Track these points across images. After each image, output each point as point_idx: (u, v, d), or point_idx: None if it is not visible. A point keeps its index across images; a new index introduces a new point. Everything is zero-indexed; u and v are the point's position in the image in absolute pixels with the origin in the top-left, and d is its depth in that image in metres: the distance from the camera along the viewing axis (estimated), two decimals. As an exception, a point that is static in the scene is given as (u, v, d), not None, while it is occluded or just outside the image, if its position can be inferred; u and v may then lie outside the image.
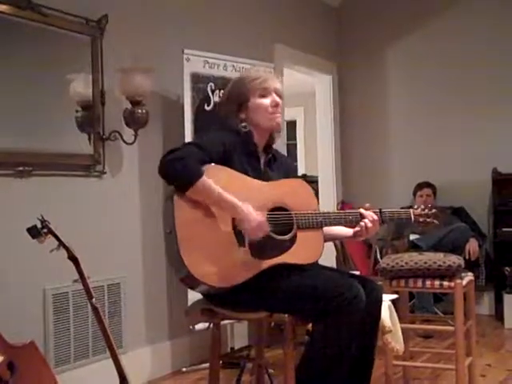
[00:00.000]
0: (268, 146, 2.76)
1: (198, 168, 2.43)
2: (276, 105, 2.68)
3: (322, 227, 2.66)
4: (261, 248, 2.49)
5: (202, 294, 2.66)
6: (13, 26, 3.34)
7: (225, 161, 2.55)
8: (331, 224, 2.69)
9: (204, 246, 2.43)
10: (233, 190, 2.48)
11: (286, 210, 2.60)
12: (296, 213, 2.60)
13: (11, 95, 3.36)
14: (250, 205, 2.48)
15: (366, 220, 2.67)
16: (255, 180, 2.60)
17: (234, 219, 2.48)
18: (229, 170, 2.54)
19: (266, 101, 2.67)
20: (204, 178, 2.42)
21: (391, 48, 6.35)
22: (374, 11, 6.41)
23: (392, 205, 5.87)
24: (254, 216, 2.45)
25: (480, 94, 5.89)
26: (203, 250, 2.42)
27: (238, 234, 2.48)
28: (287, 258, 2.54)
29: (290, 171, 2.87)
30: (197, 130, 4.16)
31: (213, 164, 2.50)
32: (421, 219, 2.86)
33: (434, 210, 2.89)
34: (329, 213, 2.68)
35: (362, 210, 2.70)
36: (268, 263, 2.49)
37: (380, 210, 2.75)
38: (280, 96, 2.71)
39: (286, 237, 2.56)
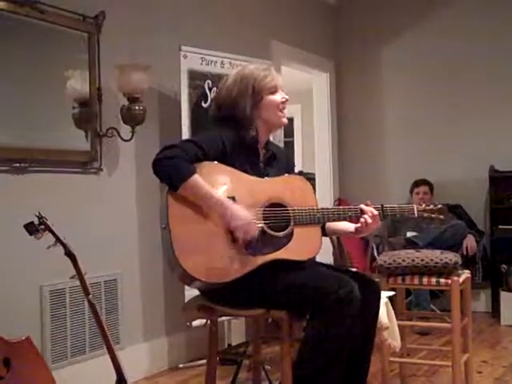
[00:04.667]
0: (266, 143, 2.76)
1: (189, 166, 2.42)
2: (285, 101, 2.70)
3: (320, 223, 2.65)
4: (253, 244, 2.48)
5: (199, 290, 2.66)
6: (10, 22, 3.33)
7: (223, 158, 2.54)
8: (330, 220, 2.68)
9: (198, 242, 2.42)
10: (228, 186, 2.49)
11: (283, 206, 2.58)
12: (293, 209, 2.58)
13: (8, 92, 3.36)
14: (246, 200, 2.48)
15: (366, 216, 2.65)
16: (252, 176, 2.59)
17: None
18: (224, 166, 2.53)
19: (277, 97, 2.68)
20: (195, 176, 2.41)
21: (388, 46, 6.35)
22: (372, 9, 6.41)
23: (389, 202, 5.91)
24: (244, 215, 2.44)
25: (477, 92, 5.91)
26: (197, 246, 2.41)
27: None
28: (283, 254, 2.53)
29: (288, 168, 2.85)
30: (194, 126, 4.15)
31: (206, 161, 2.49)
32: (425, 214, 2.81)
33: (439, 206, 2.84)
34: (327, 209, 2.67)
35: (362, 206, 2.68)
36: (263, 259, 2.48)
37: (382, 205, 2.73)
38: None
39: (282, 233, 2.55)
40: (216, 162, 2.52)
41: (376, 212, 2.68)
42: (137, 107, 3.80)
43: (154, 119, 4.18)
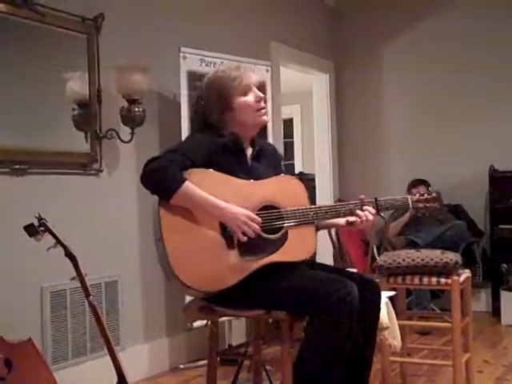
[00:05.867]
0: (253, 140, 2.73)
1: (178, 175, 2.40)
2: (260, 99, 2.64)
3: (313, 222, 2.61)
4: (251, 248, 2.46)
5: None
6: (9, 24, 3.34)
7: (210, 163, 2.51)
8: (324, 218, 2.63)
9: (193, 253, 2.41)
10: (218, 192, 2.45)
11: (276, 207, 2.55)
12: (286, 210, 2.55)
13: (7, 93, 3.36)
14: (238, 205, 2.45)
15: (360, 212, 2.60)
16: (242, 180, 2.55)
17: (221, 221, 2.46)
18: (212, 172, 2.49)
19: (250, 98, 2.63)
20: (186, 183, 2.39)
21: (388, 47, 6.36)
22: (371, 10, 6.42)
23: (389, 202, 5.93)
24: (242, 211, 2.43)
25: (477, 92, 5.91)
26: (192, 257, 2.40)
27: (227, 237, 2.46)
28: (279, 256, 2.51)
29: (277, 162, 2.83)
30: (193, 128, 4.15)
31: (194, 169, 2.46)
32: (420, 204, 2.74)
33: (433, 194, 2.77)
34: (320, 207, 2.61)
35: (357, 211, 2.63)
36: (259, 263, 2.47)
37: (376, 198, 2.67)
38: (259, 88, 2.67)
39: (276, 236, 2.53)
40: (204, 169, 2.48)
41: (373, 211, 2.63)
42: (136, 109, 3.80)
43: (154, 121, 4.18)
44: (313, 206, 2.61)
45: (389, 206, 2.72)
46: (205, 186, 2.43)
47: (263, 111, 2.66)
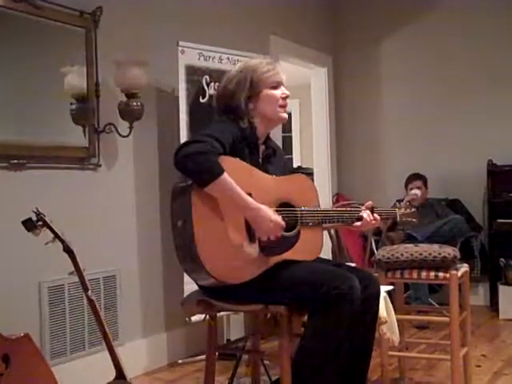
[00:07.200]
0: (267, 138, 2.76)
1: (219, 164, 2.38)
2: (286, 97, 2.69)
3: (323, 224, 2.68)
4: (269, 244, 2.50)
5: (201, 286, 2.66)
6: (7, 18, 3.33)
7: (232, 152, 2.51)
8: (332, 221, 2.69)
9: (218, 242, 2.41)
10: (245, 182, 2.46)
11: (290, 205, 2.60)
12: (301, 210, 2.60)
13: (5, 87, 3.35)
14: (260, 198, 2.47)
15: (365, 215, 2.72)
16: (264, 174, 2.60)
17: None
18: (241, 162, 2.52)
19: (278, 92, 2.67)
20: (225, 174, 2.37)
21: (386, 41, 6.35)
22: (370, 4, 6.41)
23: (387, 197, 5.93)
24: (271, 216, 2.45)
25: (476, 86, 5.91)
26: (217, 247, 2.41)
27: (250, 230, 2.48)
28: (292, 254, 2.55)
29: (285, 168, 2.87)
30: (191, 122, 4.15)
31: (226, 157, 2.46)
32: (404, 219, 2.89)
33: (413, 210, 2.91)
34: (333, 210, 2.72)
35: (363, 210, 2.75)
36: (274, 260, 2.50)
37: (372, 207, 2.77)
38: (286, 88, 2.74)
39: (291, 233, 2.57)
40: (233, 158, 2.49)
41: (378, 217, 2.76)
42: (134, 103, 3.80)
43: (152, 115, 4.18)
44: (325, 209, 2.71)
45: (382, 216, 2.84)
46: (233, 174, 2.42)
47: (285, 108, 2.71)
